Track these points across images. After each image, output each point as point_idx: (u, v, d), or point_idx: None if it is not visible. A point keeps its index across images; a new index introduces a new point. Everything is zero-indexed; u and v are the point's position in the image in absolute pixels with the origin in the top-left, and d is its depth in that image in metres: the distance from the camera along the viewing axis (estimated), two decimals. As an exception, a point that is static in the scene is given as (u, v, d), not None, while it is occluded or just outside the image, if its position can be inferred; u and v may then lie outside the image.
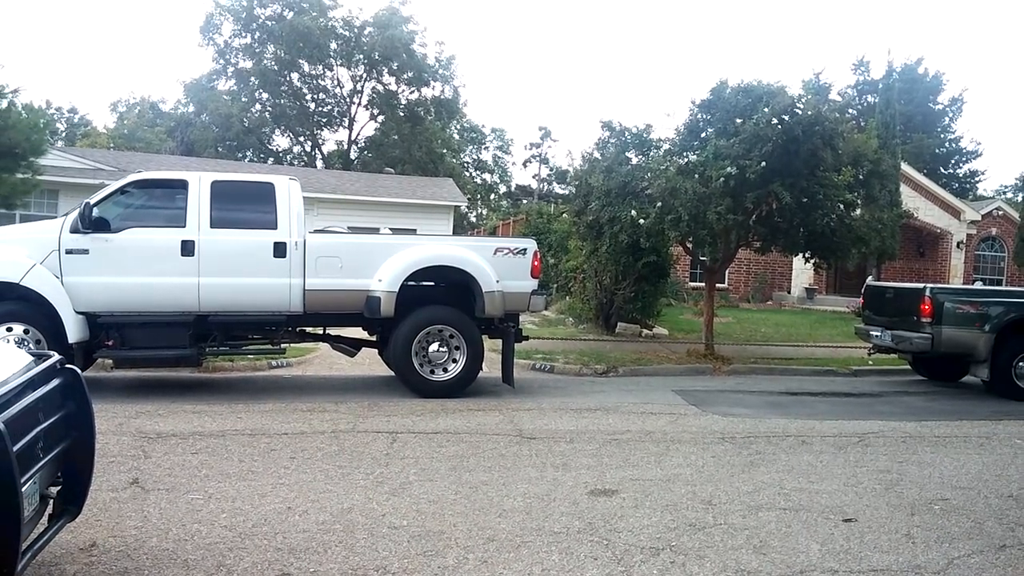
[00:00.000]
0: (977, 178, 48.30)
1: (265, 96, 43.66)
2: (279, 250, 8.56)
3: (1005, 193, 44.75)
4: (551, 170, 56.55)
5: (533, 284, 9.42)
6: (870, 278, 17.91)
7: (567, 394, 9.60)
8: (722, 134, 11.63)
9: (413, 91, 44.56)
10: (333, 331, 9.61)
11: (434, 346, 8.97)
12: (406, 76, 43.46)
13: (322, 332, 9.53)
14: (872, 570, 4.16)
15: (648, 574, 4.01)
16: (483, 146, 60.68)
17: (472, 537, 4.43)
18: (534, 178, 58.63)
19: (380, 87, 44.45)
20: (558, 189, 50.68)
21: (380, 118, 44.88)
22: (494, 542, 4.37)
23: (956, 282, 26.10)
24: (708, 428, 7.76)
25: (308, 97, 45.12)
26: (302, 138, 46.89)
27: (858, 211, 12.71)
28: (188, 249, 8.31)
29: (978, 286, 19.43)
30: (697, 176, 11.39)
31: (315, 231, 9.38)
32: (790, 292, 27.01)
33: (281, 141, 47.77)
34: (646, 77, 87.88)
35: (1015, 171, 65.55)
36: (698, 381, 11.24)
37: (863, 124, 24.31)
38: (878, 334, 11.33)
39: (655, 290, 16.72)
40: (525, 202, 46.00)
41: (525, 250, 9.39)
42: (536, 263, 9.43)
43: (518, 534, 4.50)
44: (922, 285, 10.95)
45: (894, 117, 24.05)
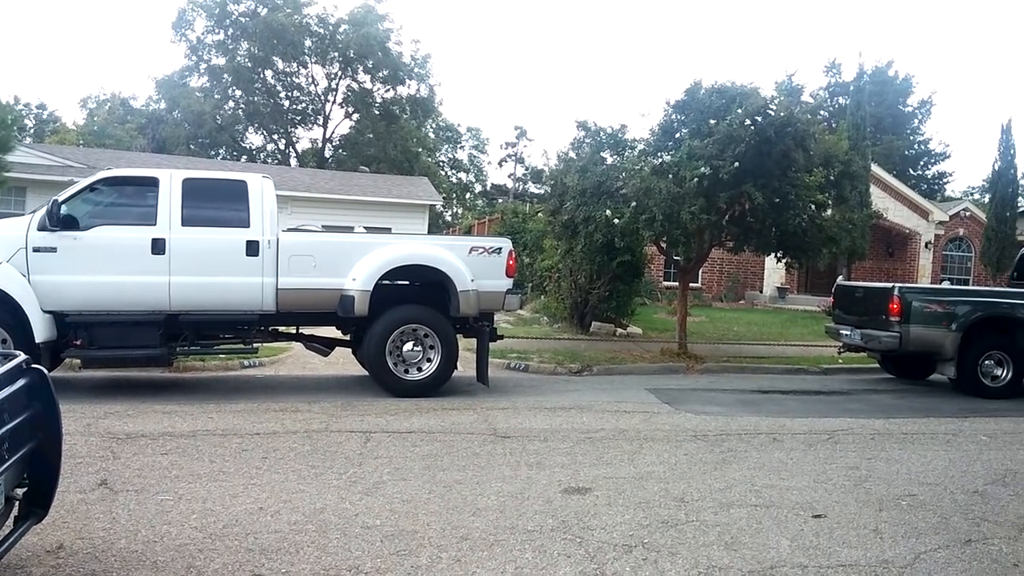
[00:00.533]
0: (945, 179, 49.12)
1: (238, 93, 43.26)
2: (252, 248, 8.48)
3: (972, 194, 45.59)
4: (526, 169, 56.68)
5: (508, 283, 9.42)
6: (840, 278, 18.17)
7: (541, 393, 9.62)
8: (696, 135, 11.71)
9: (388, 89, 44.42)
10: (306, 330, 9.54)
11: (408, 345, 8.94)
12: (381, 74, 43.30)
13: (295, 331, 9.47)
14: (841, 565, 4.21)
15: (621, 571, 4.03)
16: (459, 145, 60.69)
17: (445, 536, 4.43)
18: (509, 177, 58.74)
19: (355, 85, 44.25)
20: (533, 188, 50.79)
21: (355, 116, 44.68)
22: (467, 541, 4.37)
23: (924, 282, 26.50)
24: (681, 426, 7.82)
25: (282, 95, 44.78)
26: (276, 136, 46.53)
27: (829, 211, 12.88)
28: (158, 247, 8.21)
29: (945, 286, 19.78)
30: (671, 176, 11.46)
31: (288, 229, 9.31)
32: (762, 291, 27.27)
33: (255, 139, 47.42)
34: (621, 77, 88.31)
35: (982, 173, 66.64)
36: (671, 380, 11.32)
37: (834, 126, 24.62)
38: (848, 333, 11.48)
39: (629, 289, 16.82)
40: (500, 201, 46.04)
41: (500, 249, 9.39)
42: (511, 262, 9.44)
43: (492, 533, 4.51)
44: (891, 285, 11.09)
45: (864, 119, 24.35)
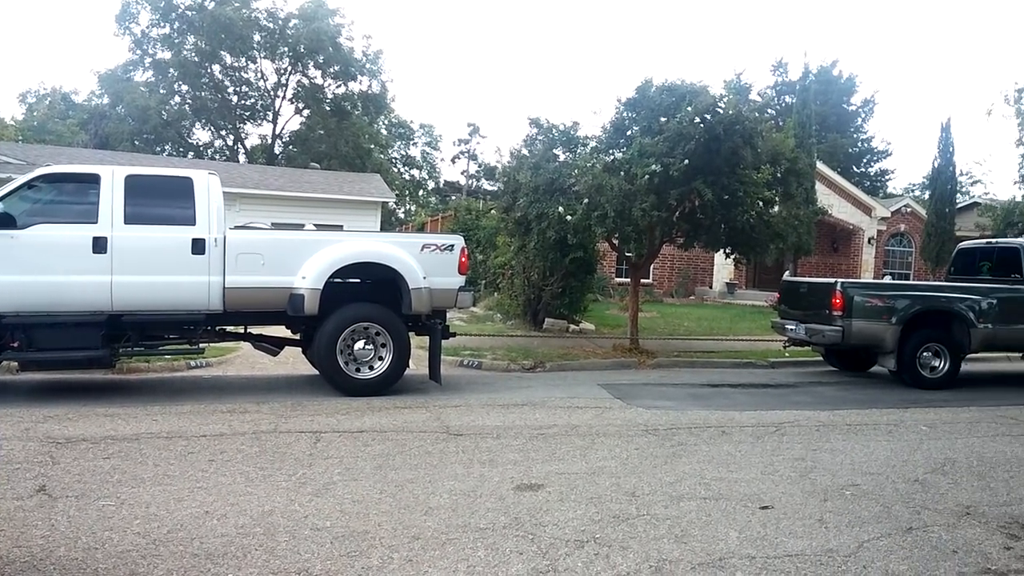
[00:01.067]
0: (887, 176, 50.57)
1: (185, 88, 42.33)
2: (197, 247, 8.31)
3: (913, 191, 46.93)
4: (480, 166, 56.62)
5: (460, 280, 9.40)
6: (787, 273, 18.53)
7: (494, 390, 9.62)
8: (647, 132, 11.82)
9: (340, 85, 43.93)
10: (255, 330, 9.39)
11: (360, 344, 8.86)
12: (332, 70, 42.80)
13: (243, 331, 9.32)
14: (787, 555, 4.30)
15: (573, 567, 4.05)
16: (411, 142, 60.25)
17: (397, 536, 4.40)
18: (463, 174, 58.60)
19: (305, 80, 43.65)
20: (487, 185, 50.75)
21: (305, 112, 44.09)
22: (419, 540, 4.34)
23: (867, 276, 27.21)
24: (632, 421, 7.89)
25: (230, 90, 43.97)
26: (224, 132, 45.66)
27: (776, 208, 13.11)
28: (100, 246, 7.98)
29: (886, 281, 20.32)
30: (623, 173, 11.55)
31: (236, 227, 9.15)
32: (712, 287, 27.69)
33: (202, 135, 46.47)
34: (574, 74, 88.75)
35: (922, 170, 68.77)
36: (623, 375, 11.42)
37: (781, 124, 25.07)
38: (793, 327, 11.72)
39: (582, 286, 16.90)
40: (454, 198, 45.85)
41: (452, 246, 9.36)
42: (463, 259, 9.41)
43: (444, 531, 4.49)
44: (834, 280, 11.35)
45: (810, 117, 24.88)
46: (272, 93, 44.24)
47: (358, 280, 9.31)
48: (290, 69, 43.29)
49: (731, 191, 11.58)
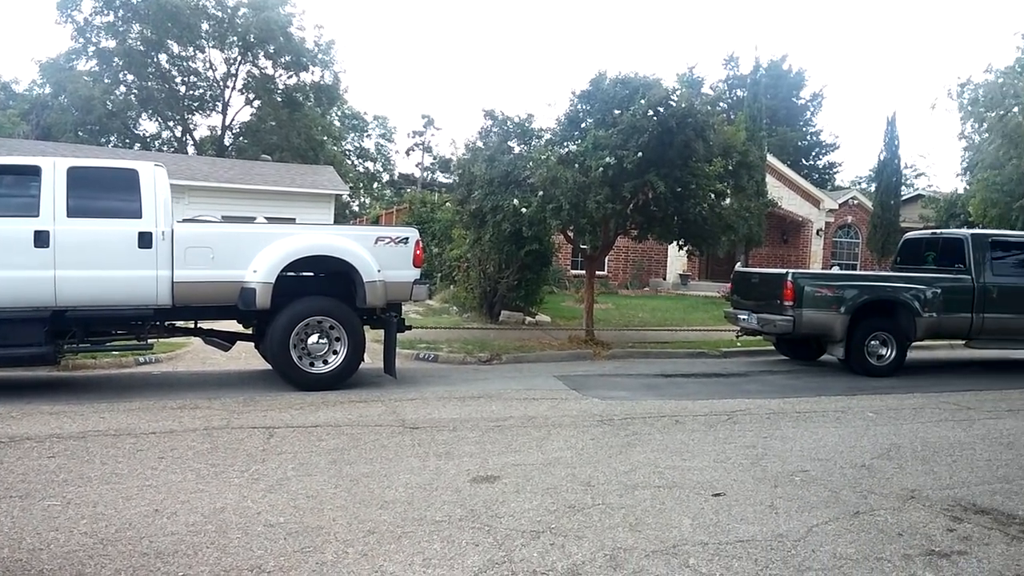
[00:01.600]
0: (835, 169, 51.65)
1: (130, 78, 41.23)
2: (144, 240, 8.13)
3: (860, 184, 47.94)
4: (434, 159, 56.23)
5: (415, 273, 9.36)
6: (739, 264, 18.81)
7: (451, 383, 9.60)
8: (601, 125, 11.87)
9: (291, 76, 43.20)
10: (206, 324, 9.23)
11: (313, 338, 8.77)
12: (283, 60, 42.07)
13: (193, 326, 9.15)
14: (739, 541, 4.37)
15: (528, 557, 4.07)
16: (365, 134, 59.69)
17: (352, 531, 4.37)
18: (417, 166, 58.11)
19: (256, 71, 42.85)
20: (442, 178, 50.50)
21: (256, 103, 43.30)
22: (375, 534, 4.32)
23: (816, 267, 27.76)
24: (588, 411, 7.95)
25: (178, 80, 42.93)
26: (172, 123, 44.64)
27: (728, 200, 13.29)
28: (42, 240, 7.75)
29: (835, 271, 20.78)
30: (577, 166, 11.60)
31: (185, 220, 8.96)
32: (665, 279, 27.99)
33: (149, 126, 45.33)
34: (529, 66, 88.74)
35: (869, 163, 70.35)
36: (579, 366, 11.49)
37: (732, 117, 25.44)
38: (745, 317, 11.91)
39: (538, 278, 16.96)
40: (408, 191, 45.54)
41: (407, 239, 9.31)
42: (419, 252, 9.37)
43: (399, 525, 4.47)
44: (784, 271, 11.56)
45: (760, 111, 25.25)
46: (221, 83, 43.36)
47: (311, 274, 9.20)
48: (240, 59, 42.44)
49: (684, 183, 11.72)
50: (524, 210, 11.88)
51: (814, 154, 50.21)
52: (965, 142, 23.21)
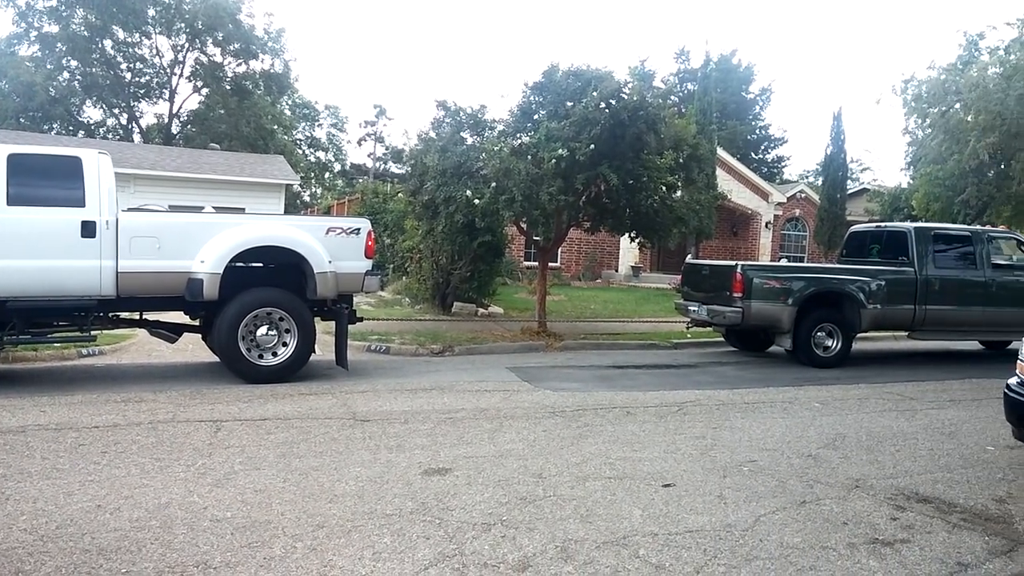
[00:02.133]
0: (783, 163, 52.59)
1: (74, 64, 39.87)
2: (87, 229, 7.90)
3: (807, 177, 48.93)
4: (387, 149, 55.54)
5: (367, 264, 9.27)
6: (689, 256, 19.06)
7: (402, 375, 9.55)
8: (554, 116, 11.89)
9: (240, 63, 42.24)
10: (152, 316, 9.02)
11: (263, 329, 8.64)
12: (232, 47, 41.09)
13: (139, 317, 8.94)
14: (688, 531, 4.43)
15: (479, 550, 4.06)
16: (316, 123, 58.68)
17: (301, 525, 4.32)
18: (369, 157, 57.38)
19: (204, 58, 41.79)
20: (394, 168, 49.92)
21: (204, 91, 42.27)
22: (324, 528, 4.28)
23: (764, 259, 28.28)
24: (540, 403, 7.98)
25: (123, 66, 41.64)
26: (117, 110, 43.34)
27: (678, 193, 13.44)
28: (-21, 229, 7.49)
29: (783, 263, 21.17)
30: (530, 157, 11.60)
31: (130, 209, 8.74)
32: (618, 271, 28.24)
33: (93, 113, 43.91)
34: (481, 57, 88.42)
35: (816, 157, 71.88)
36: (531, 358, 11.52)
37: (683, 110, 25.69)
38: (695, 309, 12.06)
39: (491, 270, 16.95)
40: (360, 181, 45.03)
41: (359, 230, 9.21)
42: (370, 243, 9.28)
43: (349, 519, 4.43)
44: (734, 263, 11.72)
45: (711, 104, 25.59)
46: (168, 71, 42.20)
47: (261, 264, 9.06)
48: (187, 46, 41.36)
49: (635, 176, 11.80)
50: (477, 201, 11.84)
51: (763, 148, 51.07)
52: (909, 137, 23.85)
